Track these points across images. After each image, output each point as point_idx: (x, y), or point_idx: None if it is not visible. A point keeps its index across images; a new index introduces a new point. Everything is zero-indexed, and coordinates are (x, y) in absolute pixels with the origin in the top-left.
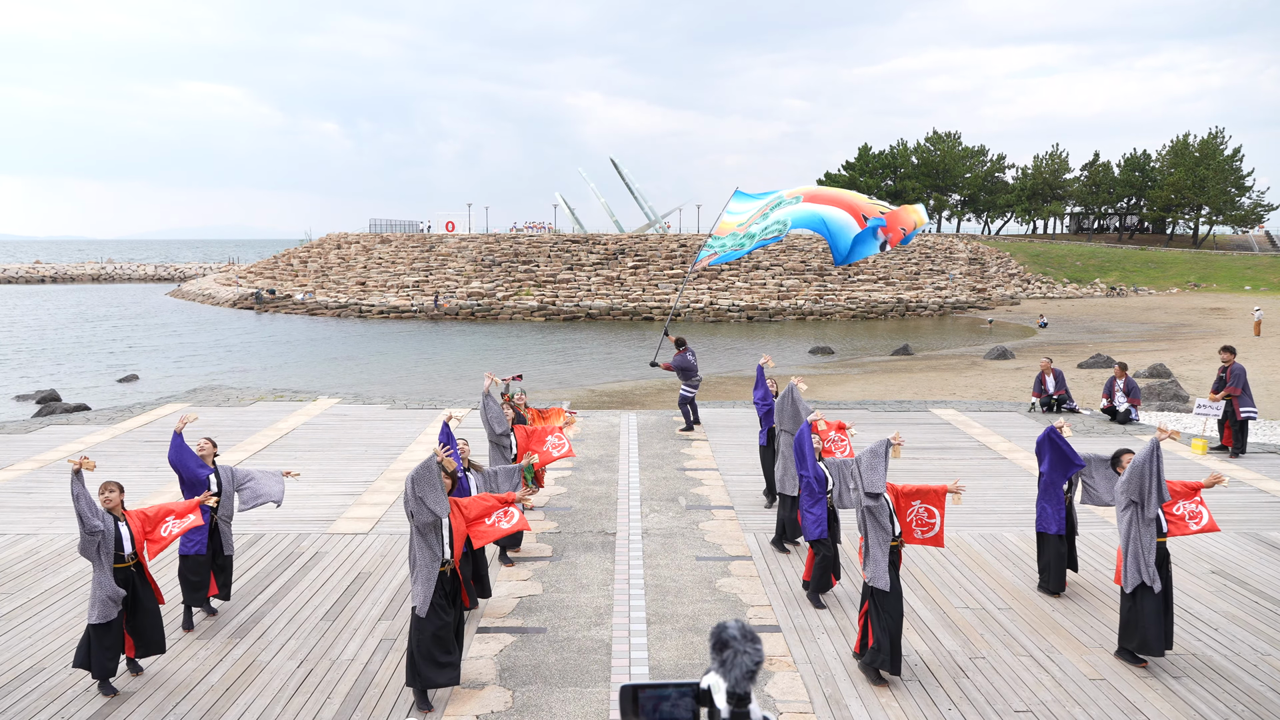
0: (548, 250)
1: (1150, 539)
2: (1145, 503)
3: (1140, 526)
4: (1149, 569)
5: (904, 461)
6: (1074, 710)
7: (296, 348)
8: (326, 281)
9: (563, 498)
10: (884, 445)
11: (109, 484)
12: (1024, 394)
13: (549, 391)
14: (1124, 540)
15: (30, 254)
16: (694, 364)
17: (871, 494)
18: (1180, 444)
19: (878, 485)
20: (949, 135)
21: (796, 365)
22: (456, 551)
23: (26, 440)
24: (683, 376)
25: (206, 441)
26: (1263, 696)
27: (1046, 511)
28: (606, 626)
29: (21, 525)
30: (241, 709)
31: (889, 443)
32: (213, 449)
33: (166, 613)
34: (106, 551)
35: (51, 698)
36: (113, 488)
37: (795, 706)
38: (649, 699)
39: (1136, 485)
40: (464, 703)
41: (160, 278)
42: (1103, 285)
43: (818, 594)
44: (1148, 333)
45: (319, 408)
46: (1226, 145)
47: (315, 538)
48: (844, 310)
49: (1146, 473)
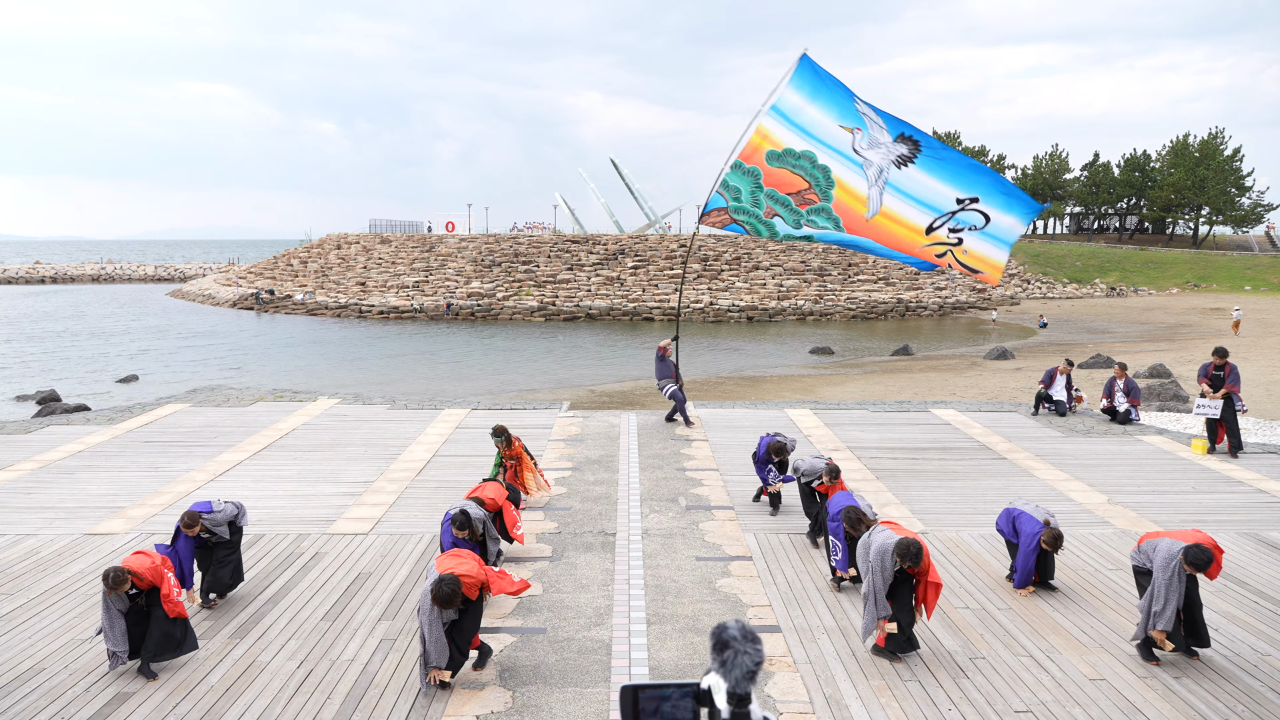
0: (548, 250)
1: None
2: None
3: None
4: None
5: (904, 462)
6: (1074, 710)
7: (296, 348)
8: (326, 282)
9: (563, 498)
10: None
11: (114, 575)
12: (1024, 394)
13: (549, 392)
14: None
15: (30, 254)
16: (667, 367)
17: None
18: (1180, 444)
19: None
20: (949, 135)
21: (797, 365)
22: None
23: (26, 440)
24: (657, 377)
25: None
26: (1263, 696)
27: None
28: (606, 627)
29: (21, 525)
30: (241, 709)
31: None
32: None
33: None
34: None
35: (52, 698)
36: (122, 581)
37: (795, 707)
38: (649, 699)
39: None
40: (464, 703)
41: (160, 278)
42: (1103, 285)
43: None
44: (1148, 333)
45: (319, 408)
46: (1226, 145)
47: (315, 538)
48: (844, 310)
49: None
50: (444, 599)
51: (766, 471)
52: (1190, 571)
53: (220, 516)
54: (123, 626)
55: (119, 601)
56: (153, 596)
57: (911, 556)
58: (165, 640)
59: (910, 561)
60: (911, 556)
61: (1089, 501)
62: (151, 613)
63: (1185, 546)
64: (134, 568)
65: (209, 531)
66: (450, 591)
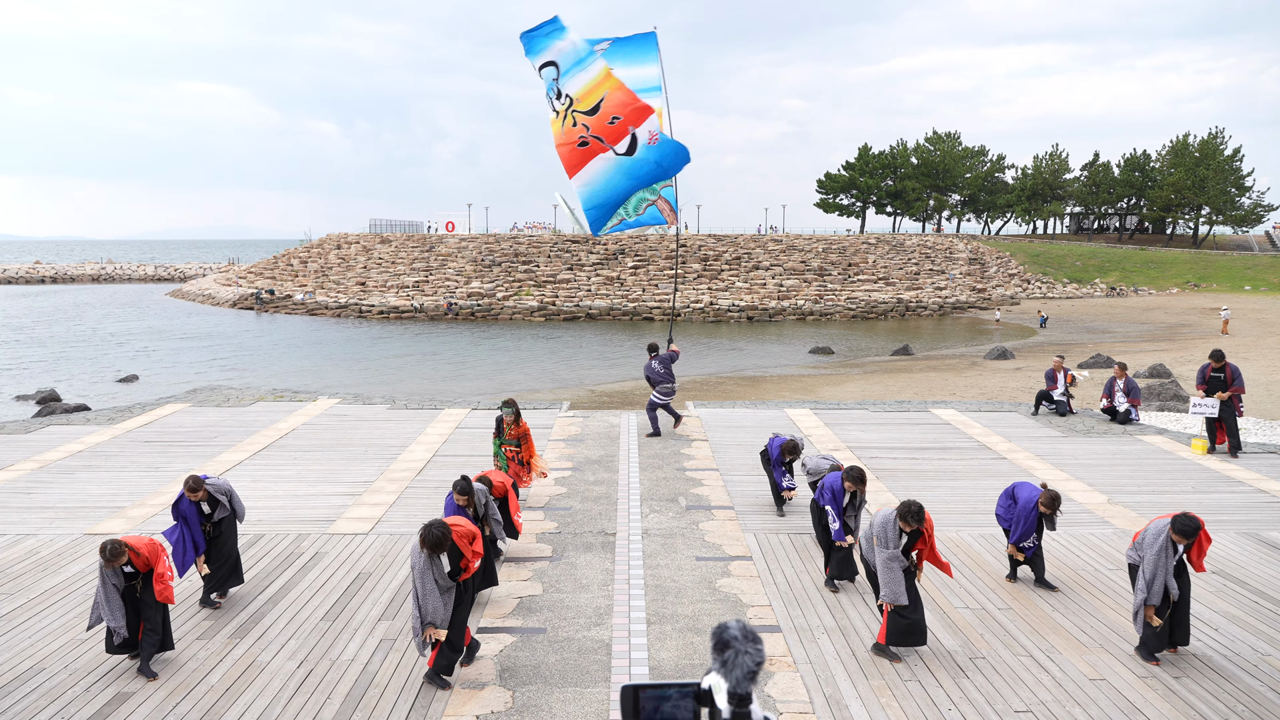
0: (548, 250)
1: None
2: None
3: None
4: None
5: (904, 461)
6: (1074, 710)
7: (296, 348)
8: (326, 282)
9: (563, 498)
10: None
11: (111, 547)
12: (1024, 394)
13: (549, 392)
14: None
15: (30, 254)
16: (659, 371)
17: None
18: (1180, 444)
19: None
20: (949, 135)
21: (796, 365)
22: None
23: (26, 440)
24: (650, 383)
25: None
26: (1263, 696)
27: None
28: (606, 627)
29: (21, 525)
30: (241, 709)
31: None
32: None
33: (174, 612)
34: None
35: (51, 698)
36: (120, 552)
37: (795, 707)
38: (650, 699)
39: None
40: (464, 703)
41: (160, 278)
42: (1103, 285)
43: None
44: (1148, 333)
45: (319, 408)
46: (1226, 145)
47: (315, 538)
48: (844, 310)
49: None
50: (433, 542)
51: (781, 474)
52: (1178, 540)
53: (221, 484)
54: (119, 603)
55: (114, 576)
56: (147, 581)
57: (914, 515)
58: (152, 636)
59: (915, 520)
60: (914, 515)
61: (1089, 501)
62: (142, 600)
63: (1174, 516)
64: (132, 543)
65: (213, 501)
66: (440, 535)
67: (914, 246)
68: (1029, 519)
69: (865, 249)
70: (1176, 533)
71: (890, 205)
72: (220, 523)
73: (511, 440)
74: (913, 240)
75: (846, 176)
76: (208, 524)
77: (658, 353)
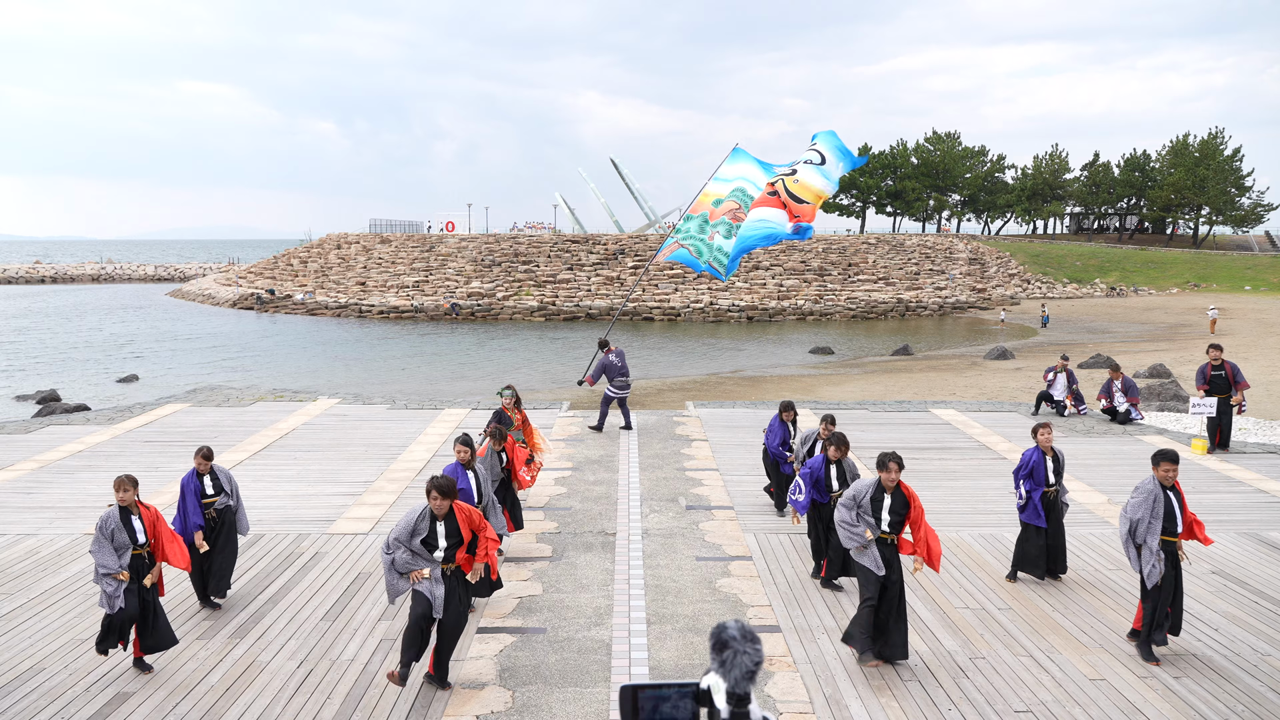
0: (548, 250)
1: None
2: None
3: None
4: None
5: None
6: (1074, 710)
7: (297, 348)
8: (326, 282)
9: (563, 498)
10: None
11: (122, 480)
12: (1024, 394)
13: (549, 392)
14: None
15: (30, 254)
16: (617, 364)
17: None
18: (1180, 444)
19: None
20: (949, 135)
21: (797, 365)
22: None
23: (26, 440)
24: (606, 377)
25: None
26: (1263, 696)
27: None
28: (606, 627)
29: (21, 525)
30: (241, 709)
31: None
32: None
33: (171, 610)
34: (120, 546)
35: (51, 698)
36: (126, 486)
37: (795, 707)
38: (649, 699)
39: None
40: (464, 703)
41: (160, 278)
42: (1103, 285)
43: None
44: (1148, 333)
45: (319, 408)
46: (1226, 145)
47: (315, 538)
48: (844, 310)
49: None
50: (443, 488)
51: (785, 446)
52: (1163, 472)
53: (226, 469)
54: (125, 560)
55: (123, 532)
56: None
57: (893, 459)
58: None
59: (895, 461)
60: (893, 459)
61: (1089, 501)
62: (141, 589)
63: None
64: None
65: (216, 485)
66: (447, 483)
67: (914, 246)
68: (1031, 455)
69: (865, 249)
70: (1157, 462)
71: (890, 205)
72: (222, 512)
73: (516, 430)
74: (913, 240)
75: (846, 176)
76: (210, 509)
77: (610, 348)
